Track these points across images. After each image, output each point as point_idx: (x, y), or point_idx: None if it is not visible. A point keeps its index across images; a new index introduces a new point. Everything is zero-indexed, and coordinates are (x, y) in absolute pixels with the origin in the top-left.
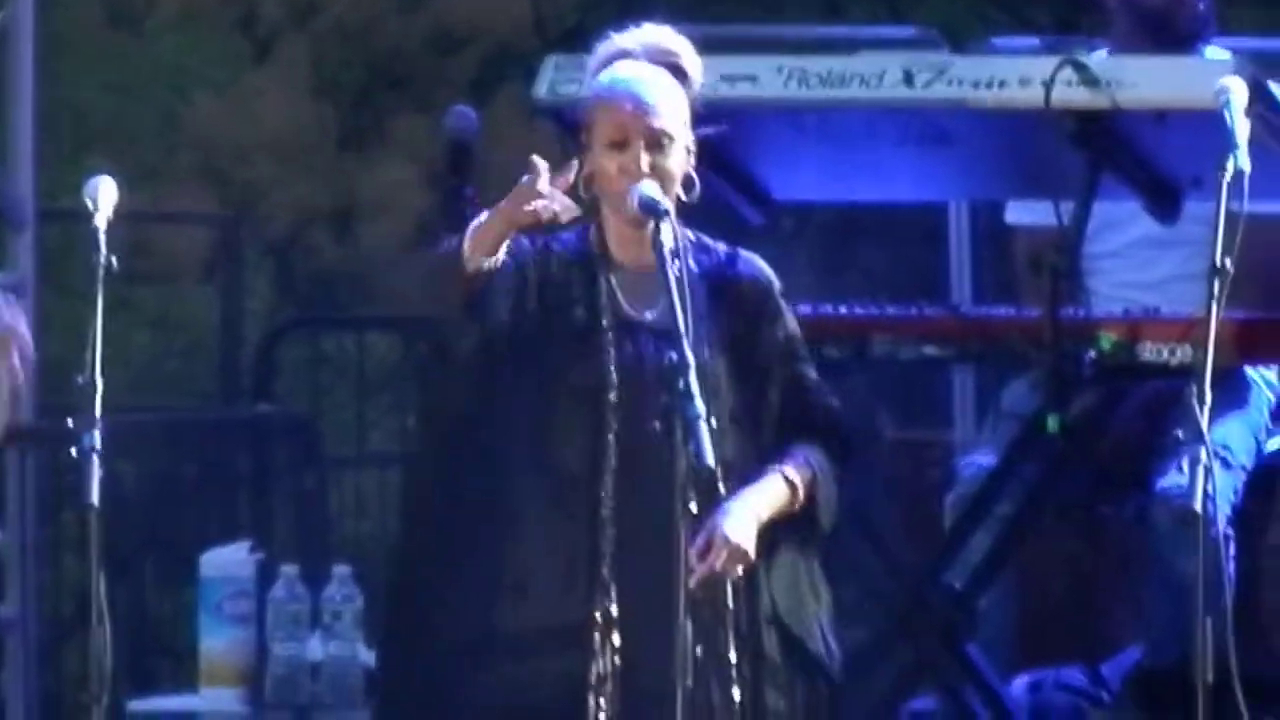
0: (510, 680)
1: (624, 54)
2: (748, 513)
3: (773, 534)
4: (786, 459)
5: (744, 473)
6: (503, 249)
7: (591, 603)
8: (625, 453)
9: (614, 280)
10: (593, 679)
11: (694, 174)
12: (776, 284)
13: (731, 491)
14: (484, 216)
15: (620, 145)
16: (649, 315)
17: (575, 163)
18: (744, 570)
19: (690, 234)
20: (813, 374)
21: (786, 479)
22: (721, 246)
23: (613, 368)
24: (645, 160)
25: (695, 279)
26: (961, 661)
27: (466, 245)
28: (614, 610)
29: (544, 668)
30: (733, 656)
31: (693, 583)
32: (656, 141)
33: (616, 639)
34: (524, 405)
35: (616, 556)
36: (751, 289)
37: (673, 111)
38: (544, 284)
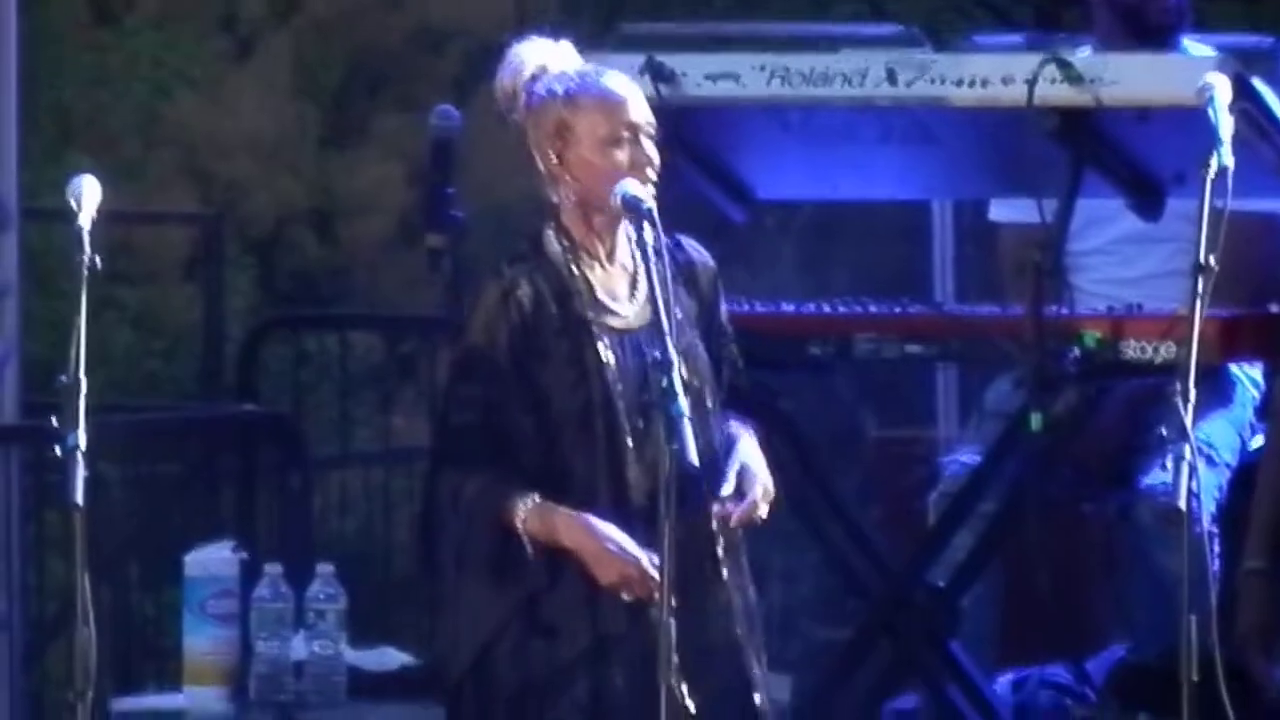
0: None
1: (543, 68)
2: (760, 460)
3: None
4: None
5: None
6: None
7: (623, 614)
8: (639, 462)
9: (593, 281)
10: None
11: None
12: (715, 266)
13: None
14: (550, 529)
15: (618, 142)
16: (624, 314)
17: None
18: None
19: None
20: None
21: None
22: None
23: (618, 381)
24: (648, 152)
25: (670, 271)
26: (945, 659)
27: (520, 519)
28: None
29: (577, 687)
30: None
31: (734, 522)
32: (648, 134)
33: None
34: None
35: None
36: (703, 273)
37: (646, 105)
38: (517, 332)
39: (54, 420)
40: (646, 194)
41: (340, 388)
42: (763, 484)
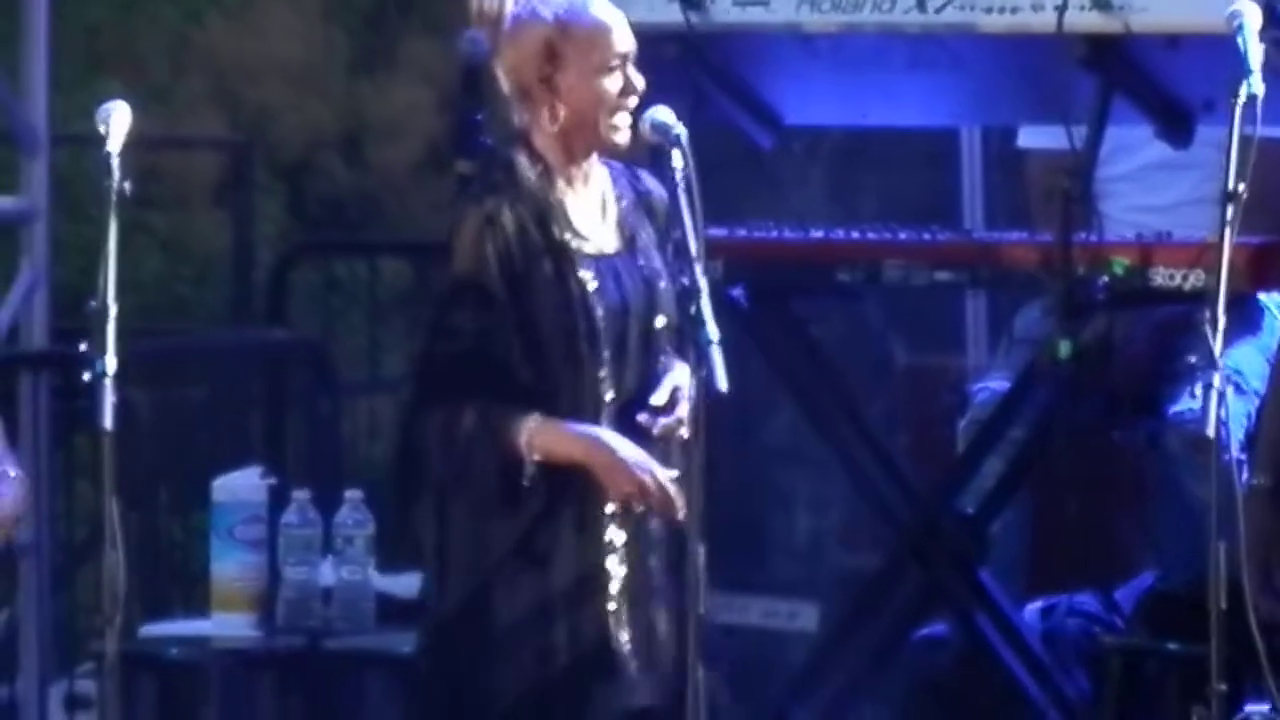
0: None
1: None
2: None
3: None
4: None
5: None
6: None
7: (603, 543)
8: (616, 384)
9: (568, 207)
10: (611, 606)
11: None
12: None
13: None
14: (573, 449)
15: (609, 69)
16: (601, 235)
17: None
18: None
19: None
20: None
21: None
22: (618, 164)
23: (599, 304)
24: (636, 79)
25: (629, 203)
26: (973, 587)
27: (525, 441)
28: (621, 539)
29: (567, 620)
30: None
31: (656, 431)
32: (633, 60)
33: (625, 569)
34: (522, 371)
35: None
36: (659, 204)
37: None
38: (503, 259)
39: (83, 345)
40: (674, 120)
41: (369, 313)
42: (689, 407)
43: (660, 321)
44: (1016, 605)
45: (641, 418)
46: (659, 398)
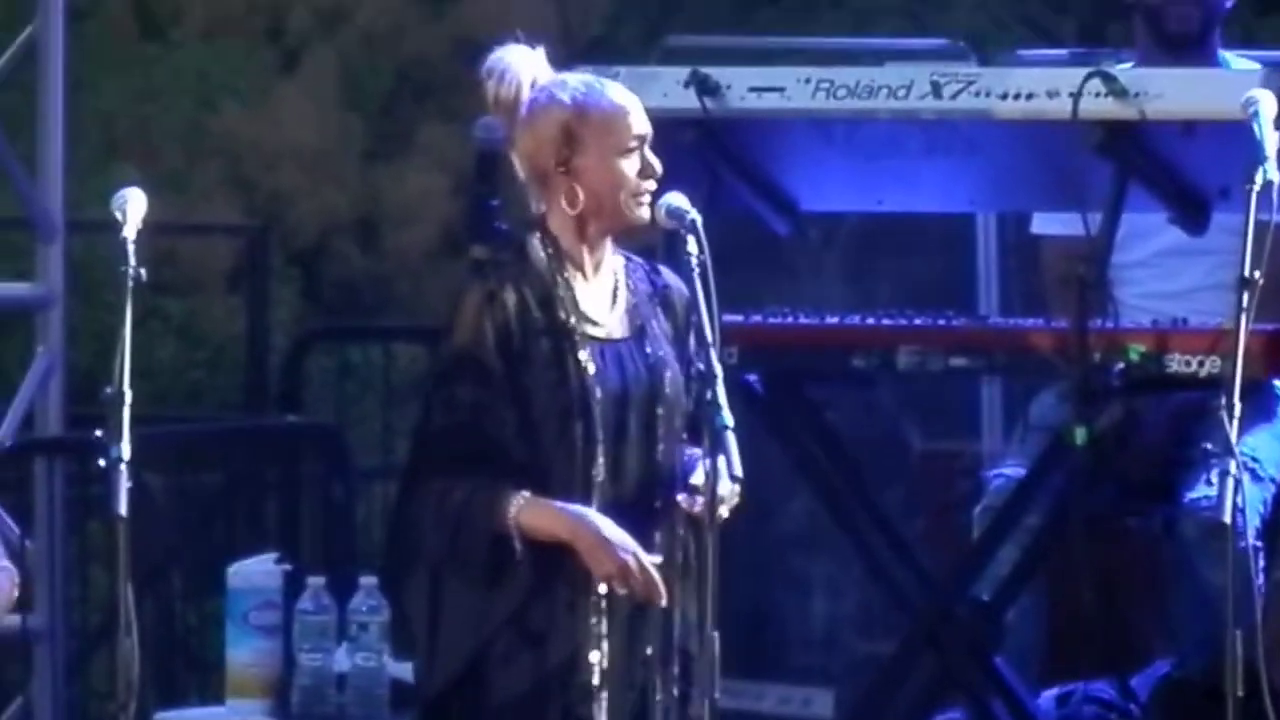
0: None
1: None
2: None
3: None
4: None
5: None
6: None
7: (586, 623)
8: (613, 467)
9: (577, 291)
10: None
11: None
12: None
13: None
14: (558, 529)
15: (627, 151)
16: (608, 321)
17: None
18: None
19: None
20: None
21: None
22: (638, 259)
23: (597, 387)
24: (653, 161)
25: (643, 294)
26: (989, 673)
27: (512, 517)
28: (604, 628)
29: (562, 698)
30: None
31: (695, 510)
32: (648, 143)
33: (605, 660)
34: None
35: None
36: (678, 299)
37: None
38: (501, 335)
39: (98, 431)
40: (689, 206)
41: (383, 399)
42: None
43: (663, 410)
44: (1032, 692)
45: (681, 498)
46: (698, 478)
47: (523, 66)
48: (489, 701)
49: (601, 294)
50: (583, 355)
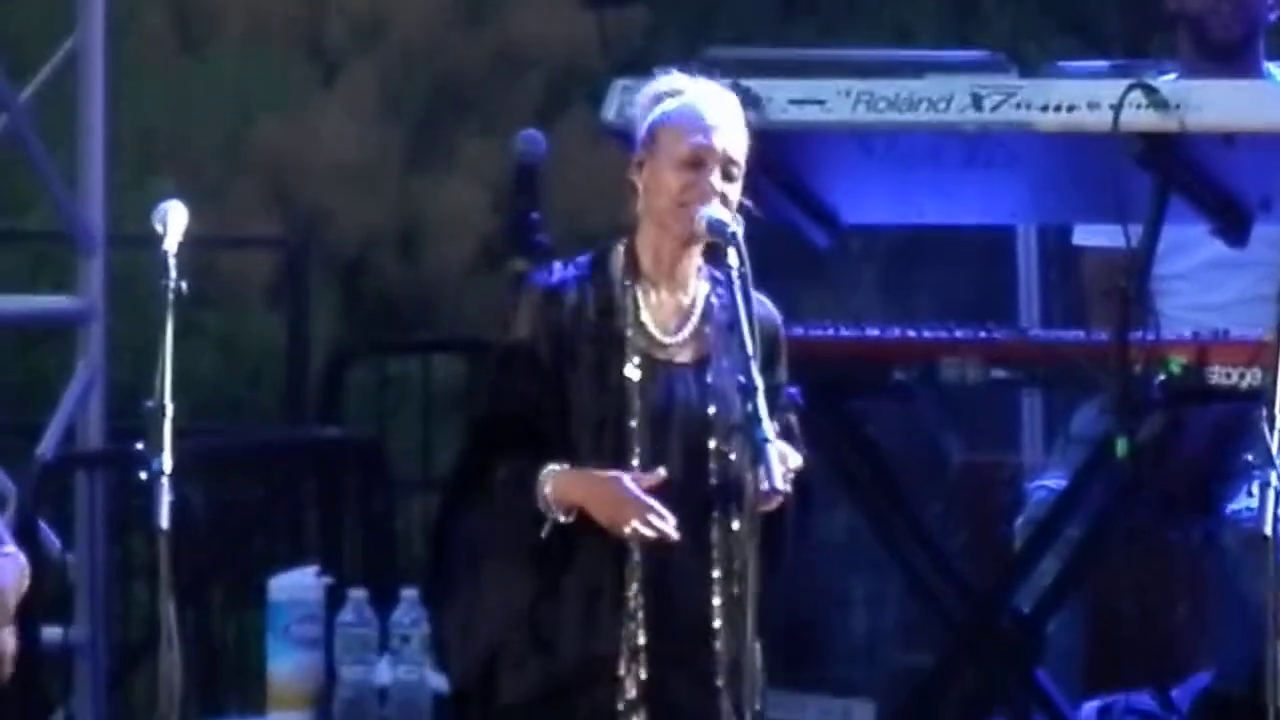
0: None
1: (679, 92)
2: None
3: None
4: None
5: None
6: None
7: (618, 635)
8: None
9: (642, 304)
10: (620, 707)
11: (746, 207)
12: (782, 330)
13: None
14: (575, 491)
15: (694, 166)
16: (672, 342)
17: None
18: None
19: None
20: (792, 425)
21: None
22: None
23: (637, 399)
24: (719, 184)
25: (718, 314)
26: (1030, 686)
27: (550, 495)
28: (641, 640)
29: (575, 706)
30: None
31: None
32: (727, 170)
33: (644, 671)
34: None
35: (644, 587)
36: (765, 330)
37: (743, 145)
38: (554, 333)
39: (139, 445)
40: (731, 219)
41: (423, 412)
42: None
43: (715, 441)
44: (1073, 704)
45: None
46: (777, 477)
47: (665, 83)
48: (499, 704)
49: (674, 312)
50: (628, 368)
